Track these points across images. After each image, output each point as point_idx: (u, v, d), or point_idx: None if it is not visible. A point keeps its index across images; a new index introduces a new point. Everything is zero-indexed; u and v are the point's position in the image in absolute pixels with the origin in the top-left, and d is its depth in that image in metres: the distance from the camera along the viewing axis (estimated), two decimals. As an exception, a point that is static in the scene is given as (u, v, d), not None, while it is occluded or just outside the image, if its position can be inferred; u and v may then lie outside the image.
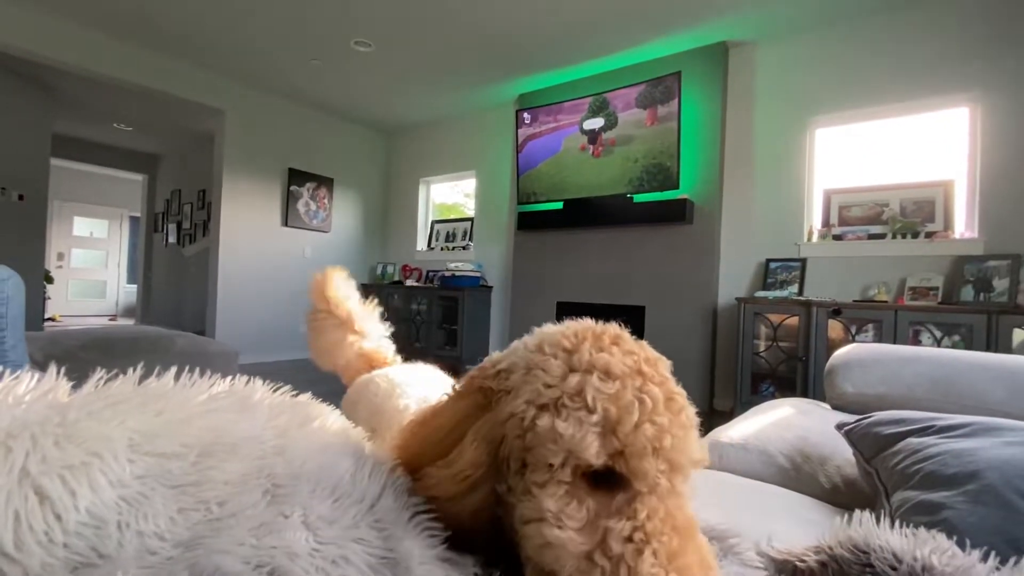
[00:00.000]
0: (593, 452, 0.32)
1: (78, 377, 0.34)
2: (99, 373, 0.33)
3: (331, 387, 1.16)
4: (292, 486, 0.32)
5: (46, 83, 4.60)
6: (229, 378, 0.38)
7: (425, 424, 0.43)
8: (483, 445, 0.37)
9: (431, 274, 5.12)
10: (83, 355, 1.98)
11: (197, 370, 0.36)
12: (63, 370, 0.34)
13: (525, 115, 4.16)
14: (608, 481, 0.33)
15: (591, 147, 3.86)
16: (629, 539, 0.31)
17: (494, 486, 0.37)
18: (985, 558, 0.41)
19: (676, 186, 3.41)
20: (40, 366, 1.78)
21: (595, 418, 0.32)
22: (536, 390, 0.35)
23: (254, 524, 0.30)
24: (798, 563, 0.45)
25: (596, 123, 3.81)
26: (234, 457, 0.31)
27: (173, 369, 0.35)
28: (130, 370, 0.34)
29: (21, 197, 4.47)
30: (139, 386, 0.33)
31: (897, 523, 0.47)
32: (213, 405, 0.34)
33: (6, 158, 4.38)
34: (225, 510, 0.29)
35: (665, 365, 0.38)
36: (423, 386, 0.78)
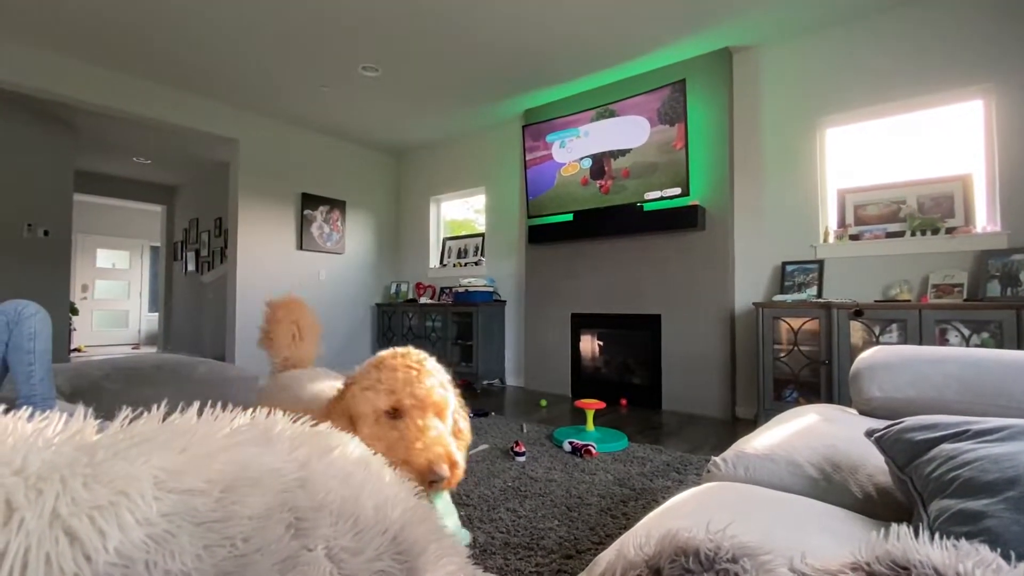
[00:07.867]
0: (383, 403, 0.82)
1: (104, 407, 0.35)
2: (125, 411, 0.34)
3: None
4: (315, 519, 0.32)
5: (68, 122, 4.77)
6: (250, 410, 0.38)
7: (328, 411, 0.90)
8: (343, 415, 0.86)
9: (444, 291, 5.15)
10: (108, 385, 2.02)
11: (219, 404, 0.37)
12: (92, 407, 0.34)
13: (526, 139, 4.19)
14: (392, 415, 0.82)
15: (597, 182, 3.82)
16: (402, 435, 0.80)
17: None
18: (1033, 572, 0.40)
19: (686, 193, 3.39)
20: (67, 397, 1.82)
21: (383, 387, 0.83)
22: (361, 382, 0.87)
23: (279, 559, 0.30)
24: (834, 581, 0.43)
25: (592, 148, 3.77)
26: (257, 491, 0.31)
27: (196, 404, 0.35)
28: (154, 407, 0.34)
29: (46, 233, 4.62)
30: (163, 423, 0.34)
31: (937, 535, 0.45)
32: (236, 439, 0.34)
33: (32, 196, 4.55)
34: (250, 545, 0.29)
35: (430, 366, 0.89)
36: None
